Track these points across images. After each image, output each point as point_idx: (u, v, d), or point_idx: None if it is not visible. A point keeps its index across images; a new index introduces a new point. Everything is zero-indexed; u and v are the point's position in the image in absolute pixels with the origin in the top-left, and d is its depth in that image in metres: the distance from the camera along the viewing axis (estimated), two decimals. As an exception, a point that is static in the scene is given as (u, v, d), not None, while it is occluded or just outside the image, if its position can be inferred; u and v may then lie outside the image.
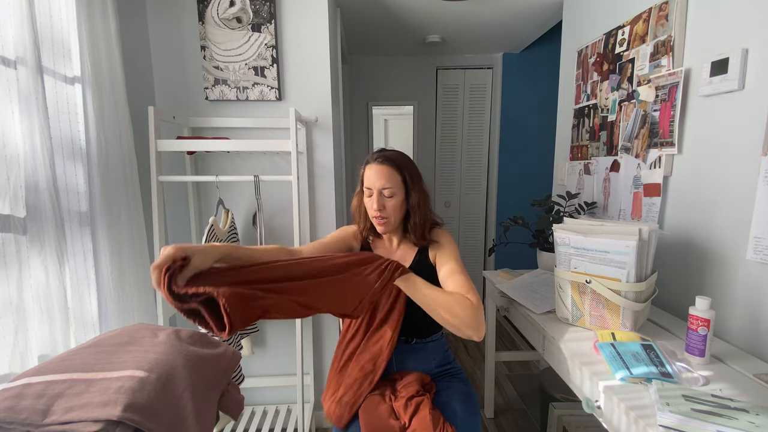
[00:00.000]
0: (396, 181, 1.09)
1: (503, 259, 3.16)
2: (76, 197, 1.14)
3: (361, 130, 3.29)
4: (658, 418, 0.75)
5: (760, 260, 1.00)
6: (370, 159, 1.12)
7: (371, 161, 1.11)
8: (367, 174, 1.10)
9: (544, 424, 1.71)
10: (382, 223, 1.11)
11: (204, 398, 0.85)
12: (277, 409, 1.85)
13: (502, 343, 2.70)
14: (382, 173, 1.08)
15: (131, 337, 0.86)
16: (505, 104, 3.10)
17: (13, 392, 0.67)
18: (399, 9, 2.22)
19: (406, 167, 1.11)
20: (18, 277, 0.94)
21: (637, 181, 1.45)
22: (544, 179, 2.48)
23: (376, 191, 1.08)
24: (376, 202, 1.08)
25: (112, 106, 1.24)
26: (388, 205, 1.09)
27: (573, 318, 1.21)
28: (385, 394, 1.08)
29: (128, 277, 1.27)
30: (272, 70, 1.65)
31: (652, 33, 1.37)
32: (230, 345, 1.36)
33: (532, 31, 2.61)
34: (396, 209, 1.10)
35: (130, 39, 1.50)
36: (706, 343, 0.95)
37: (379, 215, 1.09)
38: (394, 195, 1.09)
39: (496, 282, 1.67)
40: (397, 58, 3.17)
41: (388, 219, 1.10)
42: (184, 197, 1.71)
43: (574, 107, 1.91)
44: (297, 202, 1.40)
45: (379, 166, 1.09)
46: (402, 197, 1.10)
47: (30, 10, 0.96)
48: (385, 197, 1.09)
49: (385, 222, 1.10)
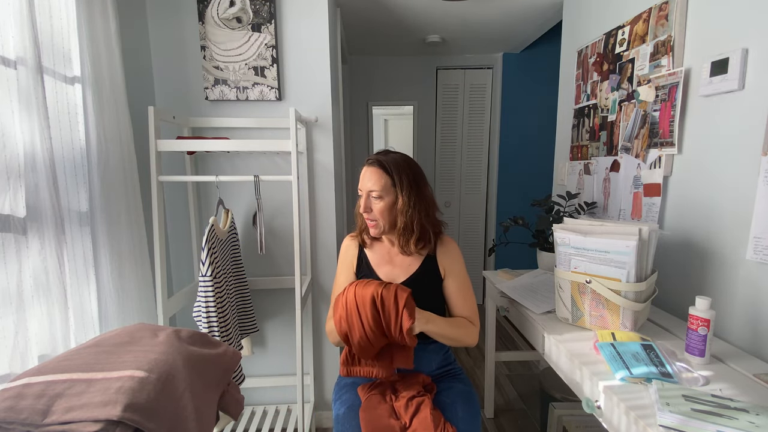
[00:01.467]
0: (384, 183, 1.08)
1: (503, 259, 3.17)
2: (76, 197, 1.14)
3: (361, 130, 3.29)
4: (658, 418, 0.75)
5: (760, 260, 1.00)
6: (366, 162, 1.13)
7: (365, 164, 1.12)
8: (362, 176, 1.12)
9: (544, 424, 1.71)
10: (372, 226, 1.12)
11: (204, 398, 0.85)
12: (277, 409, 1.85)
13: (502, 343, 2.70)
14: (371, 175, 1.09)
15: (131, 337, 0.86)
16: (505, 104, 3.10)
17: (13, 392, 0.67)
18: (399, 9, 2.22)
19: (398, 170, 1.08)
20: (18, 277, 0.94)
21: (637, 181, 1.45)
22: (544, 179, 2.48)
23: (364, 193, 1.10)
24: (363, 204, 1.10)
25: (112, 106, 1.24)
26: (375, 208, 1.09)
27: (573, 318, 1.21)
28: (385, 394, 1.08)
29: (128, 277, 1.27)
30: (272, 70, 1.65)
31: (652, 33, 1.37)
32: (230, 345, 1.37)
33: (532, 31, 2.61)
34: (383, 212, 1.09)
35: (130, 39, 1.50)
36: (706, 343, 0.95)
37: (367, 217, 1.11)
38: (381, 198, 1.08)
39: (496, 282, 1.67)
40: (397, 58, 3.17)
41: (377, 222, 1.11)
42: (184, 197, 1.71)
43: (574, 107, 1.91)
44: (297, 202, 1.40)
45: (369, 168, 1.10)
46: (391, 200, 1.09)
47: (30, 11, 0.96)
48: (372, 199, 1.09)
49: (374, 225, 1.12)
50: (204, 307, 1.34)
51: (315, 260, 1.81)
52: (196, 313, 1.37)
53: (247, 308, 1.65)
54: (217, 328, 1.35)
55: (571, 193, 1.76)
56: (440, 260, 1.17)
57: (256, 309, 1.75)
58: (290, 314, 1.82)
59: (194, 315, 1.37)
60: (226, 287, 1.46)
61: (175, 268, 1.78)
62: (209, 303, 1.34)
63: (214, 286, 1.35)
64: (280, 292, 1.81)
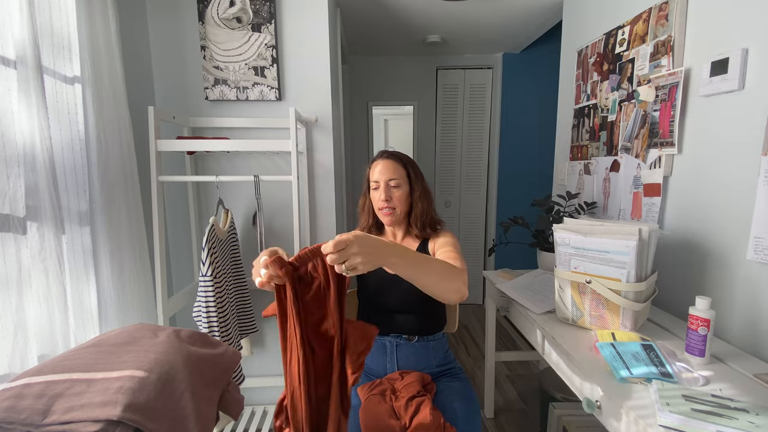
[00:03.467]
0: (401, 174, 1.18)
1: (503, 259, 3.16)
2: (76, 197, 1.13)
3: (361, 130, 3.29)
4: (658, 418, 0.75)
5: (760, 260, 1.00)
6: (376, 157, 1.21)
7: (377, 159, 1.20)
8: (374, 170, 1.19)
9: (544, 424, 1.71)
10: (389, 214, 1.18)
11: (204, 398, 0.85)
12: (277, 409, 1.85)
13: (502, 343, 2.70)
14: (388, 167, 1.17)
15: (131, 337, 0.86)
16: (505, 104, 3.10)
17: (13, 392, 0.67)
18: (399, 9, 2.22)
19: (409, 164, 1.21)
20: (18, 277, 0.94)
21: (637, 181, 1.45)
22: (544, 179, 2.48)
23: (383, 183, 1.16)
24: (383, 192, 1.16)
25: (112, 106, 1.24)
26: (395, 196, 1.17)
27: (573, 318, 1.21)
28: (385, 394, 1.08)
29: (128, 277, 1.27)
30: (272, 70, 1.65)
31: (652, 33, 1.37)
32: (230, 345, 1.37)
33: (532, 31, 2.61)
34: (401, 200, 1.18)
35: (130, 39, 1.50)
36: (706, 343, 0.95)
37: (386, 206, 1.17)
38: (399, 186, 1.17)
39: (496, 282, 1.67)
40: (397, 58, 3.17)
41: (395, 210, 1.17)
42: (184, 197, 1.71)
43: (574, 107, 1.91)
44: (297, 202, 1.40)
45: (386, 161, 1.18)
46: (407, 190, 1.19)
47: (30, 10, 0.96)
48: (391, 188, 1.17)
49: (391, 213, 1.17)
50: (204, 307, 1.34)
51: (315, 260, 1.81)
52: (196, 313, 1.37)
53: (247, 308, 1.65)
54: (218, 328, 1.35)
55: (571, 193, 1.76)
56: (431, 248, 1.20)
57: (256, 309, 1.75)
58: (290, 314, 1.82)
59: (194, 315, 1.37)
60: (226, 287, 1.46)
61: (175, 268, 1.78)
62: (209, 303, 1.34)
63: (215, 286, 1.35)
64: (280, 292, 1.80)
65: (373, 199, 1.21)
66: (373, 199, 1.21)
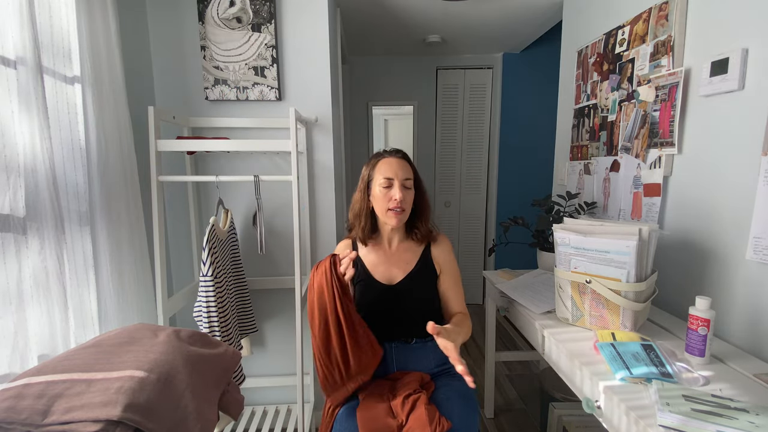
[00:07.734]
0: (412, 175, 1.17)
1: (503, 259, 3.16)
2: (76, 197, 1.13)
3: (361, 130, 3.29)
4: (658, 418, 0.75)
5: (760, 260, 1.00)
6: (384, 154, 1.18)
7: (387, 156, 1.17)
8: (385, 167, 1.15)
9: (544, 424, 1.71)
10: (399, 214, 1.14)
11: (204, 398, 0.85)
12: (277, 409, 1.85)
13: (502, 343, 2.70)
14: (402, 165, 1.15)
15: (131, 337, 0.86)
16: (505, 104, 3.10)
17: (13, 392, 0.67)
18: (399, 9, 2.22)
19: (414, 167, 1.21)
20: (18, 277, 0.94)
21: (637, 181, 1.45)
22: (544, 179, 2.48)
23: (398, 181, 1.13)
24: (399, 191, 1.12)
25: (112, 106, 1.24)
26: (408, 196, 1.15)
27: (573, 318, 1.21)
28: (383, 394, 1.08)
29: (128, 277, 1.27)
30: (272, 70, 1.65)
31: (652, 33, 1.37)
32: (230, 345, 1.37)
33: (532, 31, 2.61)
34: (410, 201, 1.17)
35: (130, 39, 1.50)
36: (706, 343, 0.95)
37: (398, 205, 1.13)
38: (411, 187, 1.17)
39: (496, 282, 1.67)
40: (397, 58, 3.17)
41: (404, 211, 1.15)
42: (184, 197, 1.71)
43: (574, 107, 1.91)
44: (297, 202, 1.40)
45: (399, 160, 1.16)
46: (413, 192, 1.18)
47: (30, 10, 0.96)
48: (404, 188, 1.15)
49: (401, 213, 1.14)
50: (205, 307, 1.34)
51: (315, 260, 1.81)
52: (197, 313, 1.37)
53: (247, 308, 1.65)
54: (218, 328, 1.35)
55: (571, 193, 1.76)
56: (435, 256, 1.23)
57: (255, 309, 1.75)
58: (290, 314, 1.82)
59: (195, 315, 1.37)
60: (227, 287, 1.46)
61: (175, 268, 1.78)
62: (210, 303, 1.34)
63: (215, 286, 1.35)
64: (280, 292, 1.81)
65: (377, 198, 1.15)
66: (377, 198, 1.15)
